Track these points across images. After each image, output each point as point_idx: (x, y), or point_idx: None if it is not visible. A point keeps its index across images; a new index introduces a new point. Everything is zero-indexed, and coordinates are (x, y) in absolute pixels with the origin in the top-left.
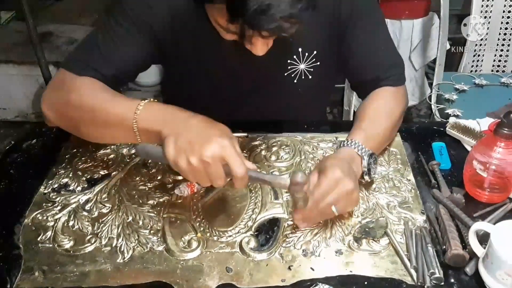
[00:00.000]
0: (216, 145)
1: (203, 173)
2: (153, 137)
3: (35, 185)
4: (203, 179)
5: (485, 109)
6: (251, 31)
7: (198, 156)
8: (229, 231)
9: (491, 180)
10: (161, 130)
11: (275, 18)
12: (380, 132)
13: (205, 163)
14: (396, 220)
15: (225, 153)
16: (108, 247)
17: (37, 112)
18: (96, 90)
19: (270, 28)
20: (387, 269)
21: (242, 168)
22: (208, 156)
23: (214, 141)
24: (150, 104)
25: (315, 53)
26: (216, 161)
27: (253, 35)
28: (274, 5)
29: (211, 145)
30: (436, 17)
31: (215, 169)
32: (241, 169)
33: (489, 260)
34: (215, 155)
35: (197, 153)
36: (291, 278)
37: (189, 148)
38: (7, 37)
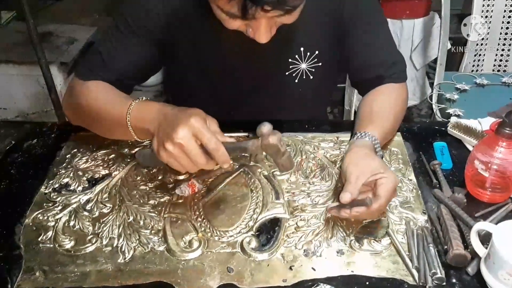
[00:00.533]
0: (184, 126)
1: (183, 156)
2: (145, 134)
3: (35, 185)
4: (187, 163)
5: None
6: (253, 7)
7: (171, 140)
8: (230, 231)
9: (493, 180)
10: (149, 128)
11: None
12: (387, 127)
13: (179, 145)
14: (398, 220)
15: (193, 130)
16: (109, 247)
17: (37, 112)
18: (100, 93)
19: (271, 1)
20: (389, 269)
21: (212, 140)
22: (179, 137)
23: (182, 123)
24: (140, 103)
25: (317, 53)
26: (188, 140)
27: (255, 12)
28: None
29: (180, 127)
30: (437, 16)
31: (190, 148)
32: (212, 142)
33: (491, 260)
34: (185, 135)
35: (170, 138)
36: (292, 278)
37: (165, 137)
38: (7, 37)
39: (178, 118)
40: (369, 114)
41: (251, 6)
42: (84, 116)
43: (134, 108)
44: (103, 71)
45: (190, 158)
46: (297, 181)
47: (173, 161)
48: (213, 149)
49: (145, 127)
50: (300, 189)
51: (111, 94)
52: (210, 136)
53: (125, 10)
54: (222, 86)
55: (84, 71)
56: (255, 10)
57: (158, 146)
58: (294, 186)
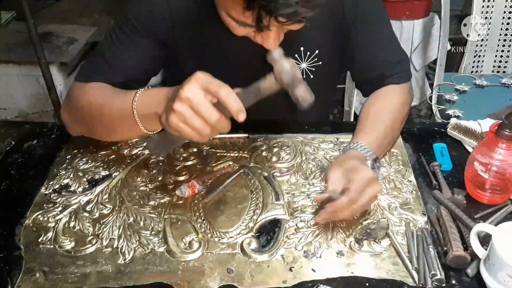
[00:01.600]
0: (190, 81)
1: (192, 114)
2: (152, 120)
3: (35, 185)
4: (198, 123)
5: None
6: (267, 18)
7: (179, 98)
8: (230, 232)
9: (492, 181)
10: (157, 111)
11: (291, 2)
12: (383, 133)
13: (187, 100)
14: (397, 221)
15: (201, 82)
16: (109, 248)
17: (37, 112)
18: (102, 89)
19: (287, 13)
20: (389, 271)
21: (223, 86)
22: (186, 92)
23: (188, 80)
24: (145, 91)
25: (317, 53)
26: (196, 93)
27: (269, 23)
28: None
29: (186, 84)
30: (436, 17)
31: (199, 101)
32: (222, 88)
33: (491, 262)
34: (192, 88)
35: (177, 97)
36: (292, 279)
37: (172, 101)
38: (7, 37)
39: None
40: (364, 121)
41: (266, 17)
42: (85, 117)
43: (139, 95)
44: (106, 73)
45: (201, 114)
46: (297, 182)
47: (184, 125)
48: (225, 96)
49: (152, 112)
50: (300, 190)
51: (113, 90)
52: (219, 83)
53: (131, 12)
54: None
55: (86, 74)
56: (269, 21)
57: (166, 115)
58: (294, 187)
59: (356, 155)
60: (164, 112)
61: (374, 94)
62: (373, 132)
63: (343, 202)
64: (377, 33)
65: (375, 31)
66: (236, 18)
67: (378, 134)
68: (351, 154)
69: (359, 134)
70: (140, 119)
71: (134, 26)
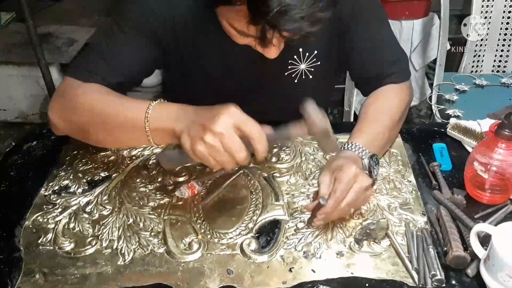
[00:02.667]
0: (224, 115)
1: (221, 149)
2: (166, 136)
3: (35, 187)
4: (224, 157)
5: (485, 110)
6: (271, 32)
7: (210, 131)
8: (230, 233)
9: (492, 181)
10: (174, 127)
11: (297, 18)
12: (381, 132)
13: (219, 135)
14: (397, 221)
15: (235, 118)
16: (109, 249)
17: (37, 113)
18: (105, 94)
19: (291, 28)
20: (388, 271)
21: (257, 128)
22: (219, 126)
23: (221, 113)
24: (160, 104)
25: (316, 53)
26: (229, 129)
27: (272, 37)
28: (297, 4)
29: (220, 117)
30: (436, 17)
31: (231, 138)
32: (256, 130)
33: (491, 262)
34: (226, 124)
35: (209, 129)
36: (292, 280)
37: (201, 130)
38: (7, 38)
39: (214, 110)
40: (362, 121)
41: (270, 32)
42: (81, 119)
43: (154, 109)
44: (105, 72)
45: (230, 151)
46: (296, 182)
47: (210, 157)
48: (258, 138)
49: (168, 127)
50: (299, 191)
51: (118, 96)
52: (253, 123)
53: (129, 11)
54: (222, 88)
55: (84, 72)
56: (273, 35)
57: (193, 142)
58: (293, 188)
59: (349, 155)
60: (190, 137)
61: (373, 94)
62: (369, 132)
63: (329, 205)
64: (375, 32)
65: (372, 31)
66: (238, 29)
67: (375, 134)
68: (344, 154)
69: (356, 134)
70: (151, 132)
71: (133, 25)
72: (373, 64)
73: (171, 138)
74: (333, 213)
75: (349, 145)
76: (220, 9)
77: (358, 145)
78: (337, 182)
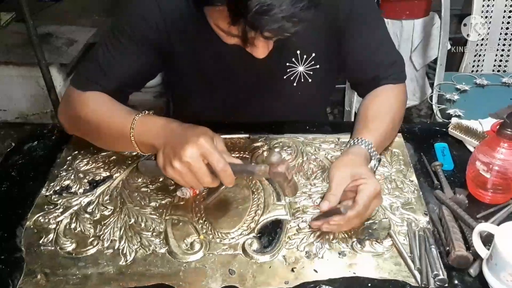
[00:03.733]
0: (193, 144)
1: (189, 174)
2: (150, 149)
3: (36, 187)
4: (192, 181)
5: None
6: (253, 32)
7: (179, 158)
8: (231, 233)
9: (494, 181)
10: (154, 143)
11: (277, 18)
12: (384, 131)
13: (186, 163)
14: (399, 221)
15: (202, 150)
16: (111, 250)
17: (37, 113)
18: (99, 105)
19: (272, 28)
20: (391, 271)
21: (221, 161)
22: (187, 156)
23: (191, 141)
24: (144, 118)
25: (314, 56)
26: (196, 159)
27: (255, 37)
28: (276, 5)
29: (188, 145)
30: (436, 17)
31: (197, 167)
32: (220, 163)
33: (493, 262)
34: (193, 154)
35: (178, 156)
36: (294, 280)
37: (172, 153)
38: (6, 38)
39: (186, 136)
40: (365, 119)
41: (251, 32)
42: (82, 127)
43: (138, 122)
44: (102, 80)
45: (196, 177)
46: (298, 182)
47: (179, 178)
48: (221, 170)
49: (149, 142)
50: (301, 191)
51: (111, 107)
52: (218, 157)
53: (123, 19)
54: (221, 91)
55: (81, 80)
56: (255, 35)
57: (164, 163)
58: None
59: (360, 151)
60: (163, 159)
61: (371, 94)
62: (375, 130)
63: (349, 216)
64: (372, 35)
65: (369, 33)
66: (223, 29)
67: (379, 132)
68: (356, 151)
69: (363, 131)
70: (136, 144)
71: (127, 32)
72: (370, 67)
73: (153, 150)
74: (346, 224)
75: (359, 140)
76: (206, 10)
77: (367, 141)
78: (361, 193)
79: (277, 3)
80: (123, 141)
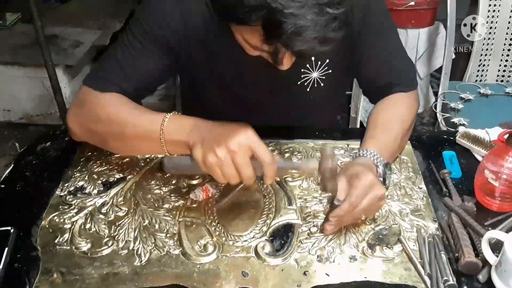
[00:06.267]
0: (241, 135)
1: (231, 165)
2: (179, 147)
3: (51, 187)
4: (231, 172)
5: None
6: (284, 51)
7: (225, 146)
8: (244, 236)
9: (502, 189)
10: (188, 139)
11: (310, 38)
12: (393, 140)
13: (232, 152)
14: (409, 227)
15: (251, 141)
16: (125, 250)
17: (41, 114)
18: (122, 105)
19: (304, 48)
20: (401, 276)
21: (269, 154)
22: (234, 144)
23: (239, 132)
24: (175, 116)
25: (328, 61)
26: (243, 149)
27: (284, 53)
28: (310, 26)
29: (237, 135)
30: (441, 26)
31: (242, 158)
32: (269, 156)
33: (502, 268)
34: (241, 143)
35: (224, 144)
36: (306, 283)
37: (216, 143)
38: (12, 39)
39: (232, 128)
40: (374, 127)
41: (282, 50)
42: (100, 129)
43: (169, 120)
44: (121, 81)
45: (238, 167)
46: (309, 187)
47: (219, 170)
48: (268, 163)
49: (181, 139)
50: (312, 196)
51: (135, 107)
52: (267, 150)
53: (144, 20)
54: (236, 96)
55: (100, 81)
56: (285, 53)
57: (204, 153)
58: (306, 193)
59: (364, 162)
60: (202, 148)
61: (382, 102)
62: (383, 139)
63: (343, 208)
64: (385, 42)
65: (383, 40)
66: (252, 44)
67: (387, 141)
68: (359, 161)
69: (369, 141)
70: (166, 143)
71: (147, 34)
72: (384, 74)
73: (184, 149)
74: (345, 218)
75: (364, 152)
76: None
77: (372, 152)
78: (353, 188)
79: (311, 25)
80: (150, 141)
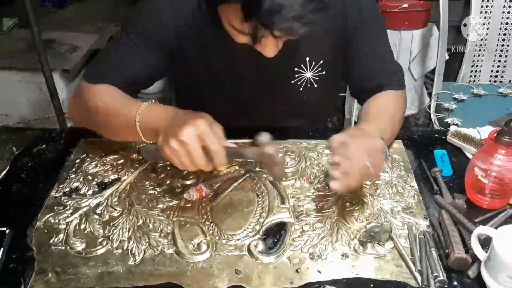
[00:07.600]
0: (191, 125)
1: (184, 154)
2: (152, 135)
3: (46, 189)
4: (187, 161)
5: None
6: (263, 31)
7: (176, 137)
8: (237, 235)
9: (492, 187)
10: (157, 128)
11: (287, 17)
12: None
13: (183, 143)
14: (400, 224)
15: (199, 130)
16: (120, 250)
17: (39, 119)
18: (109, 96)
19: (282, 27)
20: (392, 272)
21: (216, 143)
22: (183, 135)
23: (190, 122)
24: (150, 105)
25: (322, 62)
26: (192, 139)
27: (265, 35)
28: (287, 5)
29: (187, 126)
30: (435, 28)
31: (192, 147)
32: (215, 144)
33: (491, 263)
34: (190, 134)
35: (175, 135)
36: (299, 280)
37: (170, 133)
38: (9, 44)
39: (185, 118)
40: (366, 117)
41: (261, 30)
42: (92, 118)
43: (143, 110)
44: (112, 75)
45: (190, 157)
46: (301, 186)
47: (174, 158)
48: (214, 152)
49: (153, 127)
50: (305, 194)
51: (119, 96)
52: (213, 139)
53: (137, 18)
54: (230, 94)
55: (92, 75)
56: (265, 34)
57: (162, 142)
58: (299, 192)
59: None
60: (162, 139)
61: (373, 97)
62: (375, 124)
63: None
64: (377, 44)
65: (374, 43)
66: (235, 27)
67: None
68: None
69: (363, 124)
70: (141, 131)
71: (141, 33)
72: (373, 76)
73: (156, 137)
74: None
75: None
76: (221, 10)
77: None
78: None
79: (288, 3)
80: (129, 129)
